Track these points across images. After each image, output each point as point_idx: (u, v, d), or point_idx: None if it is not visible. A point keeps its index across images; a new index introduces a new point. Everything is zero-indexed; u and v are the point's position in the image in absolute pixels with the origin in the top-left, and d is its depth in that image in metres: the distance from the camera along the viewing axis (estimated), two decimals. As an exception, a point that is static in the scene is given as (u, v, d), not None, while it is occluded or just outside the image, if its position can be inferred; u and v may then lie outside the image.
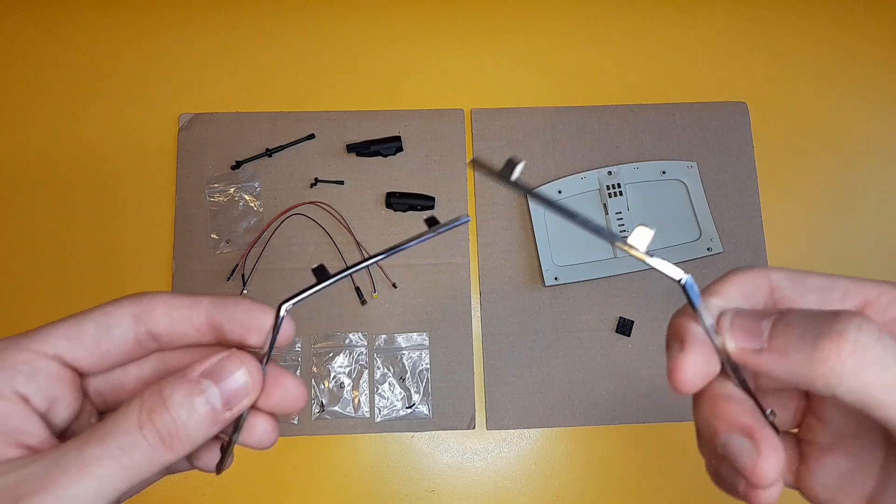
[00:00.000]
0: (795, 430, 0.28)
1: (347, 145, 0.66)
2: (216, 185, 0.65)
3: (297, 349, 0.62)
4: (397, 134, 0.66)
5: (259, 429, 0.27)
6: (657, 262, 0.24)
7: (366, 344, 0.63)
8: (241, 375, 0.25)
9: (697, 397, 0.26)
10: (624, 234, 0.64)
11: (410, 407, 0.62)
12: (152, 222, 0.64)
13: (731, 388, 0.25)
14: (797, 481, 0.28)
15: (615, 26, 0.70)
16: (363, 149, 0.65)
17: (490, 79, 0.69)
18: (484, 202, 0.66)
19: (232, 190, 0.65)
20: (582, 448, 0.62)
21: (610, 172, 0.66)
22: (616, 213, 0.65)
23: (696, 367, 0.25)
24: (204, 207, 0.64)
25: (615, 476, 0.61)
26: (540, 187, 0.65)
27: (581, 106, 0.68)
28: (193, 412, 0.24)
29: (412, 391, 0.62)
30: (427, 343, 0.63)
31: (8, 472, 0.22)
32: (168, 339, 0.27)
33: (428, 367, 0.62)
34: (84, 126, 0.66)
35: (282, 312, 0.26)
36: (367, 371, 0.62)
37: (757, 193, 0.66)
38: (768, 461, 0.24)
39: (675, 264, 0.25)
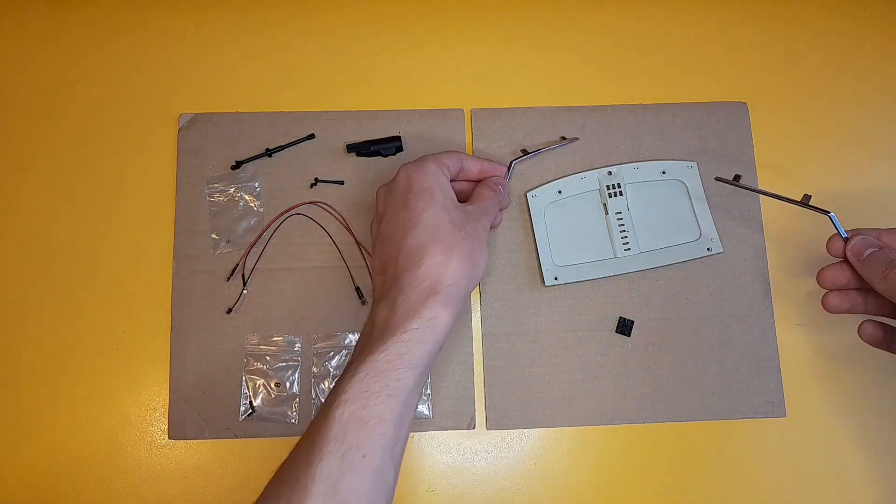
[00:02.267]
0: None
1: (347, 145, 0.66)
2: (216, 185, 0.65)
3: (296, 349, 0.62)
4: (397, 134, 0.66)
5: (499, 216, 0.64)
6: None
7: (366, 344, 0.63)
8: (505, 185, 0.62)
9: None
10: (624, 234, 0.64)
11: (410, 407, 0.62)
12: (152, 222, 0.65)
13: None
14: None
15: (615, 27, 0.70)
16: (363, 149, 0.65)
17: (490, 78, 0.69)
18: (484, 202, 0.66)
19: (232, 190, 0.65)
20: (582, 448, 0.62)
21: (610, 172, 0.66)
22: (616, 214, 0.65)
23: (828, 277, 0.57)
24: (204, 207, 0.65)
25: (615, 476, 0.61)
26: (539, 187, 0.65)
27: (581, 106, 0.68)
28: (500, 192, 0.61)
29: (412, 391, 0.62)
30: (427, 343, 0.63)
31: (462, 208, 0.56)
32: (465, 173, 0.61)
33: (428, 366, 0.62)
34: (83, 126, 0.66)
35: (512, 166, 0.65)
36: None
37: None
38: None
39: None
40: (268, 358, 0.62)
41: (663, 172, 0.66)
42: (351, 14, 0.70)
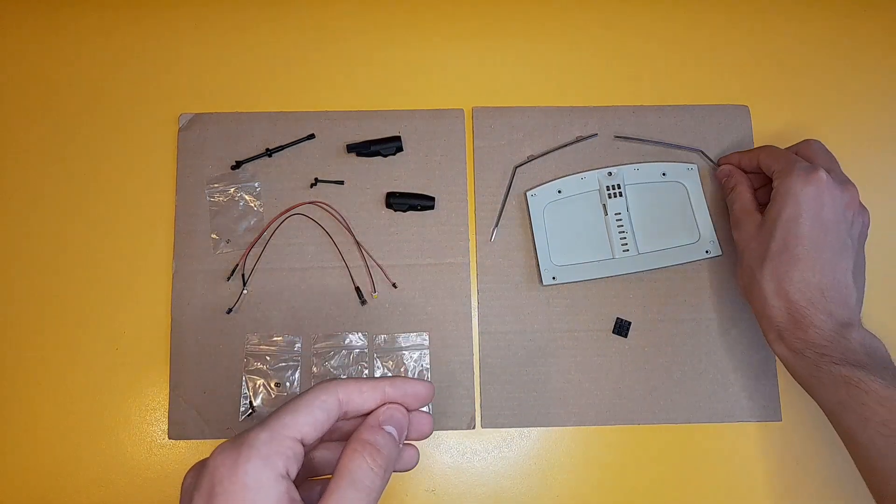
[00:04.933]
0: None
1: (347, 145, 0.65)
2: (216, 185, 0.64)
3: (296, 349, 0.62)
4: (397, 134, 0.66)
5: (408, 455, 0.41)
6: None
7: (366, 344, 0.63)
8: (402, 416, 0.39)
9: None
10: (623, 235, 0.65)
11: (410, 407, 0.62)
12: (152, 222, 0.64)
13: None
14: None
15: (618, 27, 0.70)
16: (363, 149, 0.65)
17: (491, 78, 0.69)
18: (483, 202, 0.66)
19: (232, 190, 0.64)
20: (582, 449, 0.62)
21: (610, 173, 0.66)
22: (615, 214, 0.65)
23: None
24: (204, 207, 0.64)
25: (615, 477, 0.62)
26: (539, 186, 0.65)
27: (582, 106, 0.68)
28: (388, 443, 0.37)
29: (412, 392, 0.62)
30: (427, 343, 0.63)
31: None
32: (353, 412, 0.38)
33: (428, 367, 0.63)
34: (83, 126, 0.66)
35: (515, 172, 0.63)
36: (367, 371, 0.63)
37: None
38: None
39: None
40: (268, 358, 0.62)
41: (664, 174, 0.66)
42: (351, 13, 0.69)
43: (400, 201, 0.64)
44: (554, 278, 0.64)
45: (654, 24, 0.70)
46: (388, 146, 0.65)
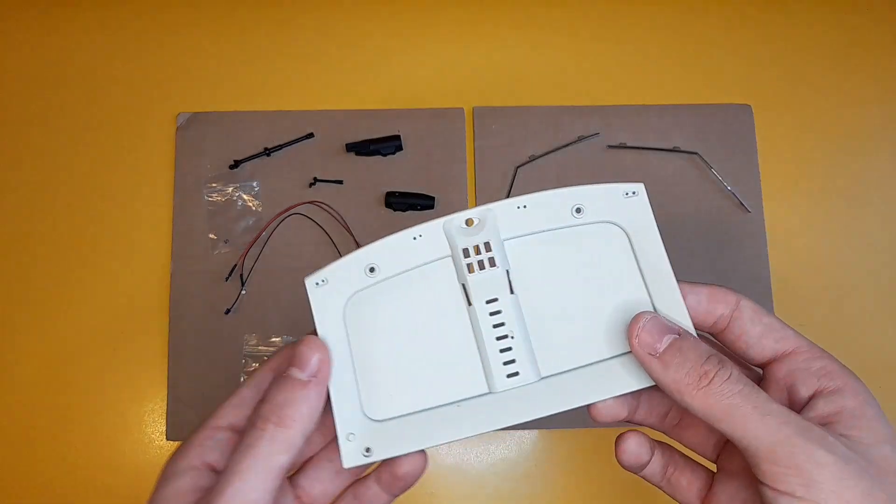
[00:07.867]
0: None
1: (347, 145, 0.65)
2: (214, 185, 0.64)
3: (295, 350, 0.62)
4: (397, 133, 0.66)
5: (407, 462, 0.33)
6: None
7: (365, 345, 0.62)
8: (310, 349, 0.31)
9: None
10: (505, 346, 0.33)
11: (410, 409, 0.61)
12: (150, 222, 0.64)
13: None
14: None
15: (619, 26, 0.70)
16: (362, 148, 0.65)
17: (492, 77, 0.68)
18: (484, 202, 0.65)
19: (230, 189, 0.64)
20: (582, 450, 0.62)
21: (470, 221, 0.34)
22: (487, 304, 0.33)
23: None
24: (202, 207, 0.64)
25: (616, 478, 0.62)
26: (329, 266, 0.33)
27: (584, 106, 0.67)
28: (292, 391, 0.31)
29: (412, 393, 0.62)
30: (426, 344, 0.63)
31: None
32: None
33: (427, 368, 0.62)
34: (80, 125, 0.66)
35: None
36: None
37: (760, 196, 0.66)
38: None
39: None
40: (266, 359, 0.62)
41: (578, 210, 0.34)
42: (350, 12, 0.69)
43: (399, 201, 0.64)
44: (368, 450, 0.32)
45: (655, 22, 0.70)
46: (388, 145, 0.65)
